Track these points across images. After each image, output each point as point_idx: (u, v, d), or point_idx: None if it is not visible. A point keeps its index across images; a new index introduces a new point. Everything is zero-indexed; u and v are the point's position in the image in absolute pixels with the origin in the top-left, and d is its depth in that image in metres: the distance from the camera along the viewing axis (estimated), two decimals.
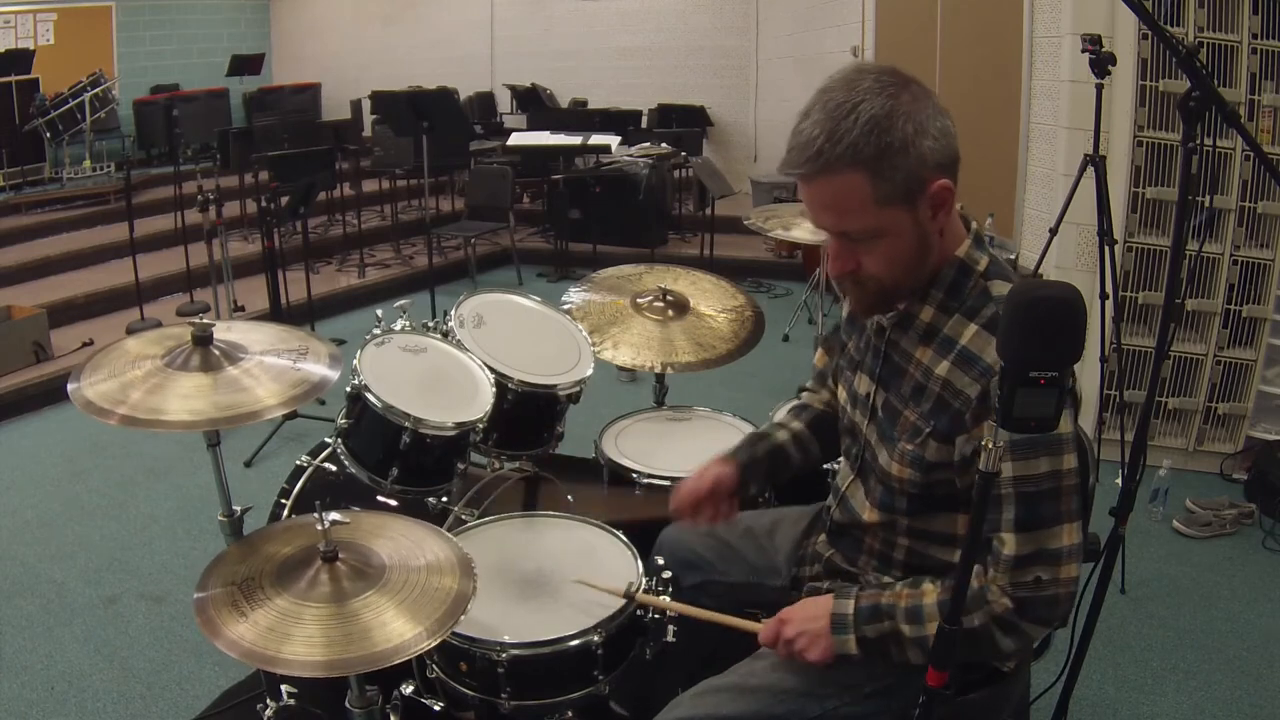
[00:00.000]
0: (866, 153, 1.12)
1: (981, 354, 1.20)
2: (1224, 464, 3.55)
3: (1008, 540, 1.18)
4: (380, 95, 6.66)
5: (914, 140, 1.14)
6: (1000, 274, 1.26)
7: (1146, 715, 2.30)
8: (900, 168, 1.14)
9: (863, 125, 1.12)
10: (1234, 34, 3.23)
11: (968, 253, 1.26)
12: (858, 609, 1.29)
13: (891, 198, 1.16)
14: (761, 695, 1.36)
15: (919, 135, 1.14)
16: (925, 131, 1.15)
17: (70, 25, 8.75)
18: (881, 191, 1.15)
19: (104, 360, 1.58)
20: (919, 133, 1.14)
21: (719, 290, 2.51)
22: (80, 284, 5.75)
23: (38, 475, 3.70)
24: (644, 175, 6.90)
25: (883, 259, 1.22)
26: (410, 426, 1.82)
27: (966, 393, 1.21)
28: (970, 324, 1.23)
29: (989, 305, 1.22)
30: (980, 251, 1.27)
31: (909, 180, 1.15)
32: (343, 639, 1.24)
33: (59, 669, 2.47)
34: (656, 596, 1.58)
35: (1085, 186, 3.07)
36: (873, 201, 1.16)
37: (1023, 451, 1.16)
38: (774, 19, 8.44)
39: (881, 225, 1.18)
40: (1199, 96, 1.49)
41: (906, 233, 1.20)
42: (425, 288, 5.20)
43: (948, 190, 1.18)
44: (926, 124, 1.15)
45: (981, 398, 1.19)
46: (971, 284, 1.25)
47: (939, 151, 1.16)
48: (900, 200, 1.16)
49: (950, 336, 1.25)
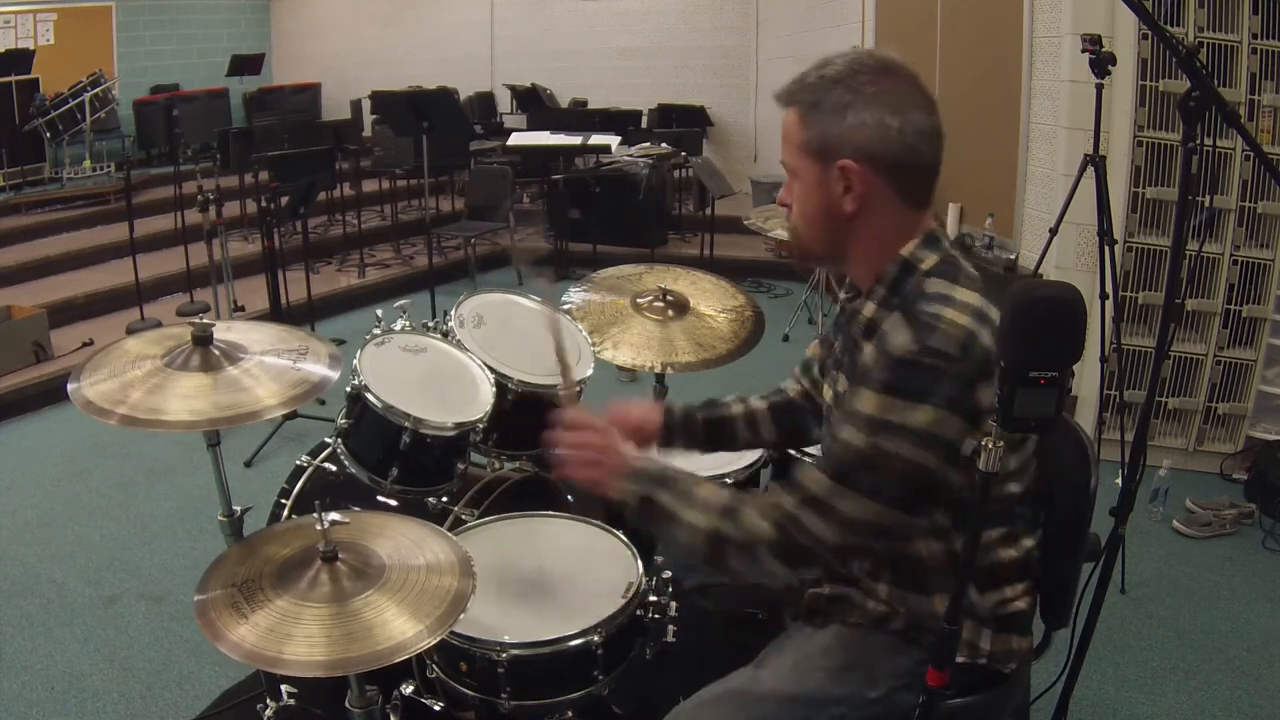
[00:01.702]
0: (805, 99, 1.25)
1: (890, 334, 1.19)
2: (1224, 464, 3.55)
3: (810, 476, 1.22)
4: (380, 95, 6.66)
5: (843, 111, 1.22)
6: (947, 274, 1.24)
7: (1146, 715, 2.30)
8: (821, 124, 1.24)
9: (816, 78, 1.25)
10: (1234, 34, 3.23)
11: (912, 251, 1.26)
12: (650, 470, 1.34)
13: (809, 146, 1.26)
14: (767, 704, 1.34)
15: (852, 110, 1.21)
16: (861, 114, 1.21)
17: (70, 25, 8.75)
18: (804, 135, 1.26)
19: (104, 360, 1.58)
20: (852, 108, 1.21)
21: (719, 290, 2.50)
22: (80, 284, 5.76)
23: (38, 475, 3.70)
24: (644, 175, 6.90)
25: (798, 204, 1.31)
26: (410, 426, 1.82)
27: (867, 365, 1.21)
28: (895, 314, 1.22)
29: (920, 302, 1.21)
30: (929, 251, 1.26)
31: (825, 139, 1.24)
32: (343, 638, 1.24)
33: (59, 669, 2.47)
34: (659, 600, 1.58)
35: (1085, 186, 3.07)
36: (798, 141, 1.27)
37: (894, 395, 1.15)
38: (774, 19, 8.44)
39: (797, 166, 1.29)
40: (1199, 96, 1.49)
41: (813, 187, 1.27)
42: (425, 288, 5.20)
43: (855, 174, 1.22)
44: (868, 109, 1.21)
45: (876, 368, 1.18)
46: (913, 281, 1.25)
47: (868, 138, 1.21)
48: (816, 153, 1.25)
49: (884, 331, 1.24)
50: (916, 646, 1.33)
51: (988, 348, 1.13)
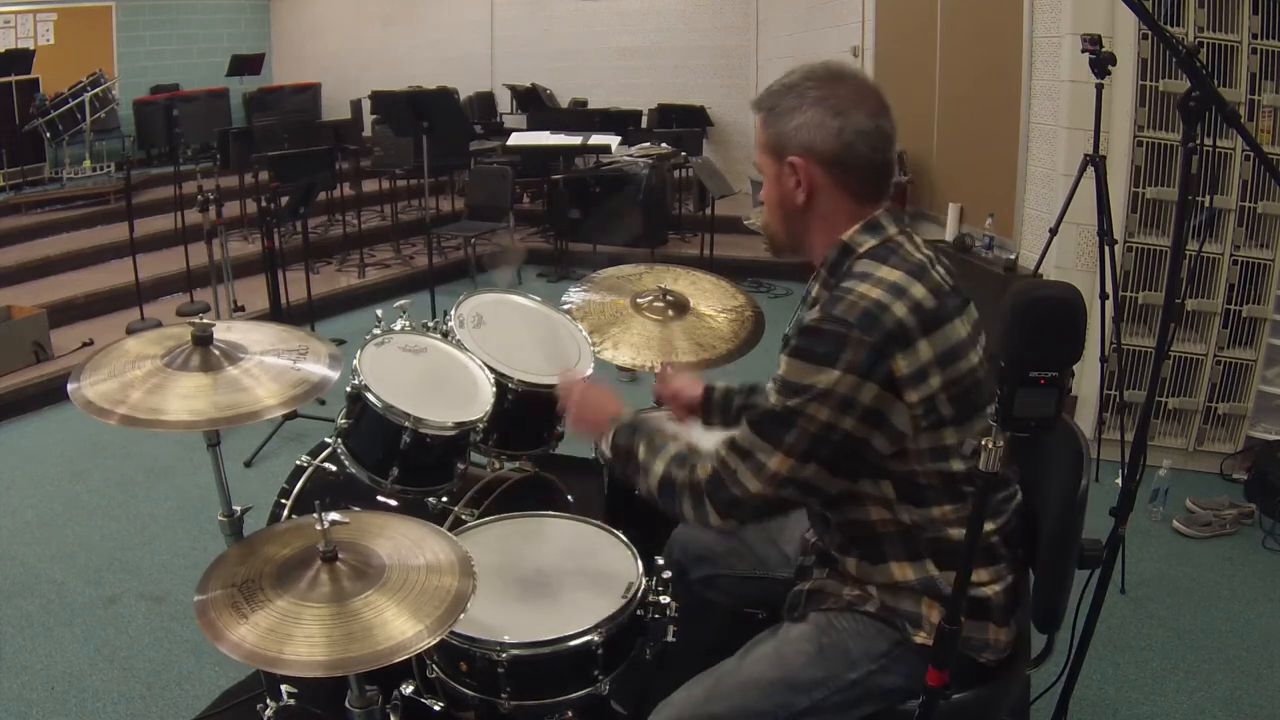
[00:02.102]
0: (765, 105, 1.40)
1: (816, 307, 1.31)
2: (1224, 464, 3.55)
3: (741, 425, 1.34)
4: (380, 95, 6.66)
5: (790, 113, 1.36)
6: (878, 255, 1.33)
7: (1146, 715, 2.30)
8: (774, 125, 1.38)
9: (777, 87, 1.39)
10: (1234, 34, 3.23)
11: (851, 236, 1.37)
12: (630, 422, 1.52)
13: (766, 146, 1.40)
14: (749, 691, 1.40)
15: (798, 112, 1.35)
16: (805, 115, 1.34)
17: (70, 25, 8.74)
18: (763, 137, 1.41)
19: (104, 360, 1.58)
20: (798, 111, 1.35)
21: (719, 290, 2.50)
22: (80, 284, 5.75)
23: (38, 475, 3.70)
24: (644, 175, 6.90)
25: (765, 199, 1.45)
26: (410, 426, 1.82)
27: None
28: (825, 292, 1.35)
29: (846, 280, 1.31)
30: (869, 235, 1.36)
31: (778, 139, 1.38)
32: (343, 638, 1.24)
33: (59, 669, 2.47)
34: (659, 600, 1.59)
35: (1085, 186, 3.07)
36: (760, 142, 1.42)
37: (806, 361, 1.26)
38: (774, 19, 8.44)
39: (761, 164, 1.43)
40: (1199, 96, 1.49)
41: (772, 183, 1.42)
42: (425, 288, 5.19)
43: (800, 168, 1.35)
44: (811, 110, 1.34)
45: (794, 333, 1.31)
46: (849, 264, 1.35)
47: (810, 137, 1.34)
48: (772, 152, 1.39)
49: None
50: (891, 628, 1.39)
51: (900, 319, 1.23)
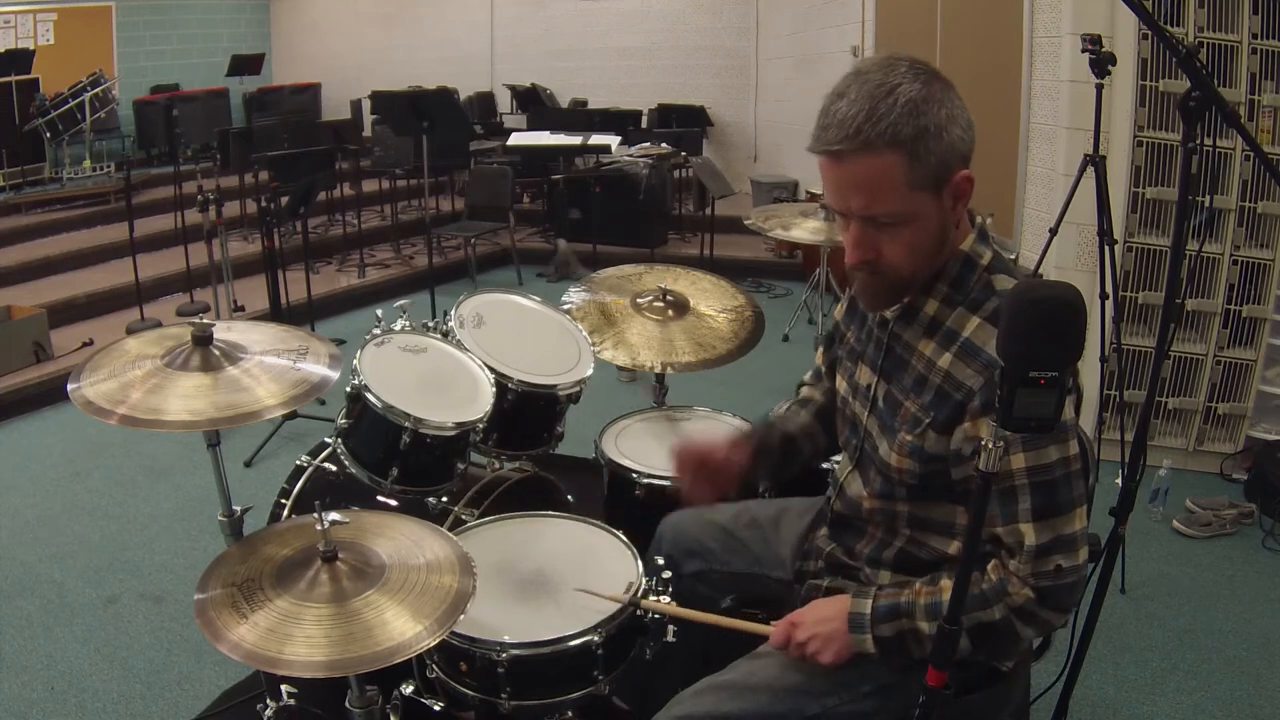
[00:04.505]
0: (905, 133, 1.14)
1: (984, 347, 1.22)
2: (1224, 464, 3.55)
3: (1027, 531, 1.19)
4: (380, 95, 6.65)
5: (946, 127, 1.16)
6: (1003, 269, 1.29)
7: (1146, 715, 2.30)
8: (934, 152, 1.15)
9: (902, 106, 1.13)
10: (1234, 34, 3.23)
11: (972, 247, 1.29)
12: (875, 608, 1.29)
13: (923, 182, 1.17)
14: (761, 693, 1.37)
15: (950, 123, 1.17)
16: (955, 120, 1.18)
17: (70, 25, 8.74)
18: (915, 174, 1.16)
19: (104, 360, 1.58)
20: (950, 120, 1.17)
21: (719, 290, 2.50)
22: (80, 284, 5.75)
23: (38, 475, 3.70)
24: (644, 175, 6.90)
25: (905, 246, 1.22)
26: (410, 426, 1.82)
27: (968, 385, 1.22)
28: (973, 317, 1.25)
29: (992, 299, 1.25)
30: (984, 246, 1.30)
31: (940, 166, 1.17)
32: (343, 638, 1.24)
33: (59, 669, 2.47)
34: (659, 600, 1.58)
35: (1085, 186, 3.06)
36: (906, 184, 1.16)
37: (1033, 441, 1.18)
38: (774, 19, 8.44)
39: (910, 210, 1.19)
40: (1199, 96, 1.49)
41: (931, 220, 1.21)
42: (425, 288, 5.19)
43: (970, 182, 1.21)
44: (956, 114, 1.18)
45: (984, 389, 1.20)
46: (975, 278, 1.28)
47: (966, 142, 1.19)
48: (930, 185, 1.18)
49: (953, 329, 1.27)
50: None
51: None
